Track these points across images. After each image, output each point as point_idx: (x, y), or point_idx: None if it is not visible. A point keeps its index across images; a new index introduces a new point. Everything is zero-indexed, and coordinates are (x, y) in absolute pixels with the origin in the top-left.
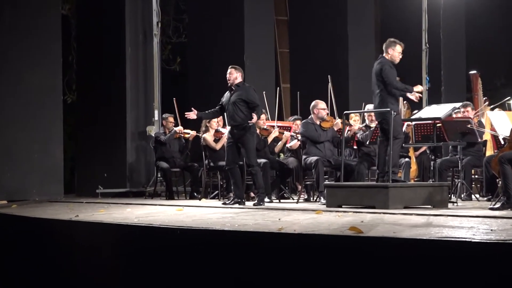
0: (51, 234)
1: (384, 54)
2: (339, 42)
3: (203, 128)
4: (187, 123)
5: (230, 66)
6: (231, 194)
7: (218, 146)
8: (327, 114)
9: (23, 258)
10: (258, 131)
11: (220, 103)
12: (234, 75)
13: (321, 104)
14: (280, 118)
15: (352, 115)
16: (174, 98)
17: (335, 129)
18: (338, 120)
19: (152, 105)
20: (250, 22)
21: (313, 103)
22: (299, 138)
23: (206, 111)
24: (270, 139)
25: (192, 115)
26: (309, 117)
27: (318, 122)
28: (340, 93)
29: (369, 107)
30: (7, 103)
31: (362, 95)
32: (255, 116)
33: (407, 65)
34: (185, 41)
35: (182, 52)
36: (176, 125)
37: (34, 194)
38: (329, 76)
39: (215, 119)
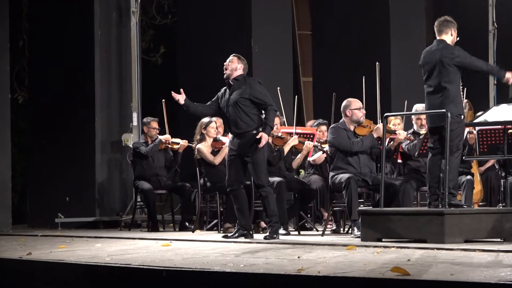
0: None
1: (443, 37)
2: (378, 20)
3: (198, 137)
4: (177, 130)
5: (233, 54)
6: (227, 225)
7: (217, 161)
8: (364, 115)
9: None
10: (270, 140)
11: (215, 98)
12: (234, 65)
13: (355, 103)
14: (300, 122)
15: (391, 118)
16: (163, 100)
17: (375, 135)
18: (380, 125)
19: (129, 107)
20: None
21: (344, 103)
22: (325, 149)
23: (196, 103)
24: (286, 149)
25: (180, 98)
26: (340, 121)
27: (352, 128)
28: (380, 89)
29: (418, 107)
30: None
31: (409, 91)
32: (264, 137)
33: (468, 51)
34: (172, 22)
35: (168, 37)
36: (162, 132)
37: None
38: (377, 63)
39: (213, 125)
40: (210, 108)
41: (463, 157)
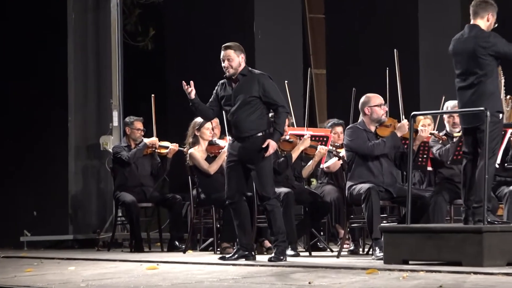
0: None
1: (478, 21)
2: (404, 0)
3: (190, 139)
4: (165, 132)
5: (224, 46)
6: (225, 245)
7: (212, 169)
8: (386, 114)
9: None
10: None
11: (214, 97)
12: (237, 61)
13: (375, 99)
14: (312, 123)
15: (419, 118)
16: (152, 95)
17: (399, 134)
18: (404, 122)
19: (109, 104)
20: None
21: (362, 99)
22: (341, 154)
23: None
24: (295, 154)
25: (192, 91)
26: (358, 121)
27: (373, 128)
28: (406, 82)
29: (450, 105)
30: None
31: (442, 85)
32: (272, 145)
33: None
34: (161, 2)
35: (156, 20)
36: (148, 134)
37: None
38: (395, 50)
39: (208, 125)
40: (214, 112)
41: (505, 164)
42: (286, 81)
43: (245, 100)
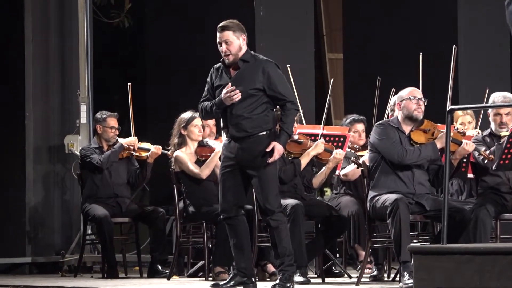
0: None
1: None
2: None
3: (176, 140)
4: (144, 130)
5: (220, 27)
6: (219, 269)
7: (204, 173)
8: (422, 112)
9: None
10: None
11: (209, 87)
12: (236, 44)
13: (410, 91)
14: (325, 119)
15: (459, 113)
16: (129, 84)
17: (439, 146)
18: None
19: (75, 95)
20: None
21: (399, 93)
22: (361, 160)
23: None
24: (304, 160)
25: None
26: (392, 118)
27: (407, 129)
28: (442, 73)
29: (498, 97)
30: None
31: (485, 75)
32: (278, 149)
33: None
34: None
35: None
36: (124, 133)
37: None
38: (454, 47)
39: (197, 122)
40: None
41: None
42: (288, 65)
43: (245, 93)
